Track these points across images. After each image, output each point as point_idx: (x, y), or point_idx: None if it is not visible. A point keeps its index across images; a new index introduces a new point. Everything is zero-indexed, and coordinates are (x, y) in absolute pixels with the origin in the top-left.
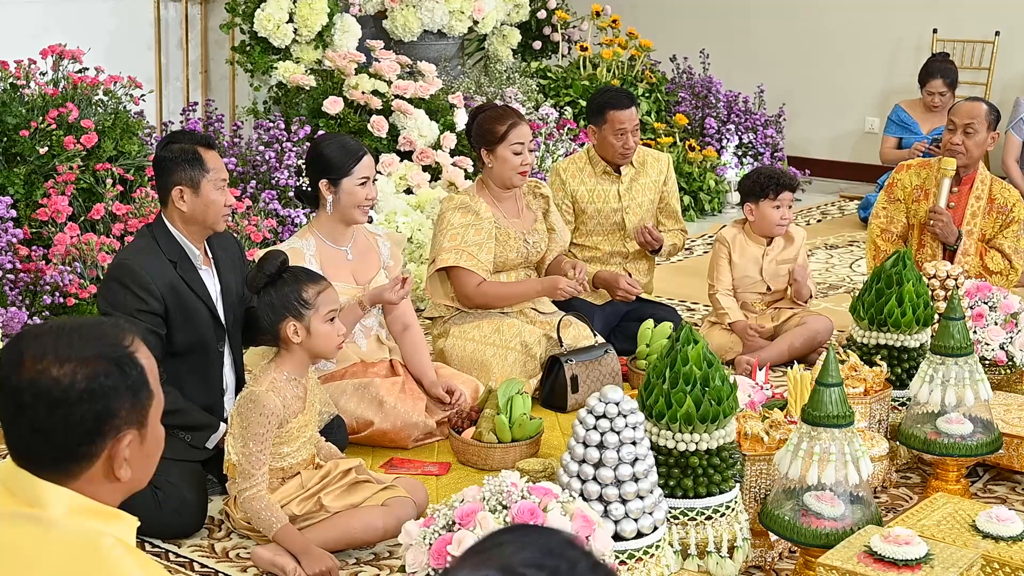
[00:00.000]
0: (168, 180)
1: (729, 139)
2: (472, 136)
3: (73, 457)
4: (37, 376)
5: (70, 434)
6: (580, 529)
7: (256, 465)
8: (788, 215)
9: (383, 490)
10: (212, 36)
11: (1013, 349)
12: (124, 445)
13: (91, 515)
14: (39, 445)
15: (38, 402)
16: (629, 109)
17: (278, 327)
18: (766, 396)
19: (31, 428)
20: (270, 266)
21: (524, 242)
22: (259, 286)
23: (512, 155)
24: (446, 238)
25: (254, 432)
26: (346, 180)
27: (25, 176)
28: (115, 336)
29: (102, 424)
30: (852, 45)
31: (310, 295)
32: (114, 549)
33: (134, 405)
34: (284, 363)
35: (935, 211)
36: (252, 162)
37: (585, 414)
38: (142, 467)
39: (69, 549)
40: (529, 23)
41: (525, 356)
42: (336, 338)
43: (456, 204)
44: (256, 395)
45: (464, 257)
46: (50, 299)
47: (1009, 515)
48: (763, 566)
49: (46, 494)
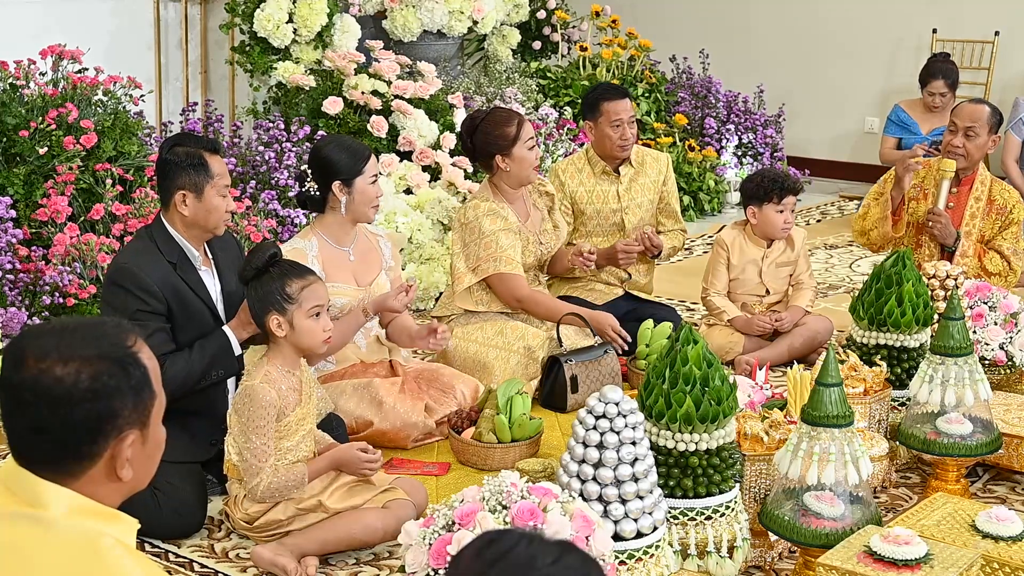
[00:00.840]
0: (172, 184)
1: (729, 139)
2: (476, 147)
3: (75, 456)
4: (39, 375)
5: (72, 433)
6: (580, 529)
7: (262, 458)
8: (791, 219)
9: (384, 492)
10: (212, 36)
11: (1013, 349)
12: (127, 445)
13: (91, 515)
14: (41, 444)
15: (40, 401)
16: (623, 100)
17: (263, 319)
18: (766, 396)
19: (33, 427)
20: (258, 259)
21: (539, 243)
22: (248, 278)
23: (528, 151)
24: (481, 247)
25: (255, 425)
26: (359, 180)
27: (25, 176)
28: (118, 336)
29: (104, 424)
30: (852, 45)
31: (293, 290)
32: (113, 549)
33: (136, 405)
34: (275, 357)
35: (934, 213)
36: (252, 162)
37: (585, 414)
38: (143, 467)
39: (69, 549)
40: (529, 23)
41: (528, 359)
42: (320, 334)
43: (485, 211)
44: (251, 388)
45: (503, 263)
46: (49, 299)
47: (1009, 515)
48: (763, 566)
49: (46, 494)
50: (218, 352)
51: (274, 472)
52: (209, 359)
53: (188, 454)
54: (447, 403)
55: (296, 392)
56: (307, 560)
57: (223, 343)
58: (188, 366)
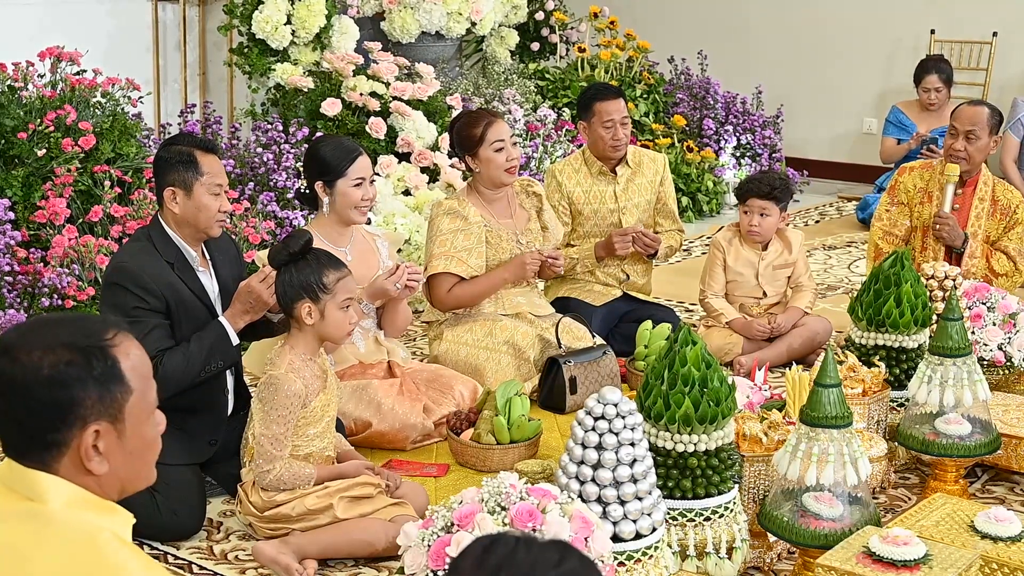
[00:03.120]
0: (163, 180)
1: (727, 140)
2: (454, 147)
3: (41, 445)
4: (7, 365)
5: (35, 420)
6: (579, 530)
7: (280, 447)
8: (759, 222)
9: (393, 505)
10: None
11: (1011, 350)
12: (92, 436)
13: (88, 507)
14: (12, 434)
15: (6, 389)
16: (616, 100)
17: (293, 306)
18: (764, 397)
19: (4, 416)
20: (295, 244)
21: (517, 243)
22: (280, 262)
23: (494, 153)
24: (435, 244)
25: (279, 415)
26: (341, 181)
27: (23, 178)
28: (94, 329)
29: (65, 412)
30: (850, 46)
31: (330, 280)
32: (111, 543)
33: (102, 397)
34: (296, 344)
35: (940, 217)
36: (250, 164)
37: (583, 415)
38: (126, 465)
39: (68, 546)
40: (527, 24)
41: (519, 359)
42: (347, 326)
43: (444, 210)
44: (276, 378)
45: (454, 263)
46: (48, 301)
47: (1008, 515)
48: (762, 567)
49: (43, 484)
50: (216, 342)
51: (288, 465)
52: (207, 350)
53: (187, 456)
54: (446, 404)
55: (320, 379)
56: (307, 563)
57: (220, 333)
58: (187, 359)
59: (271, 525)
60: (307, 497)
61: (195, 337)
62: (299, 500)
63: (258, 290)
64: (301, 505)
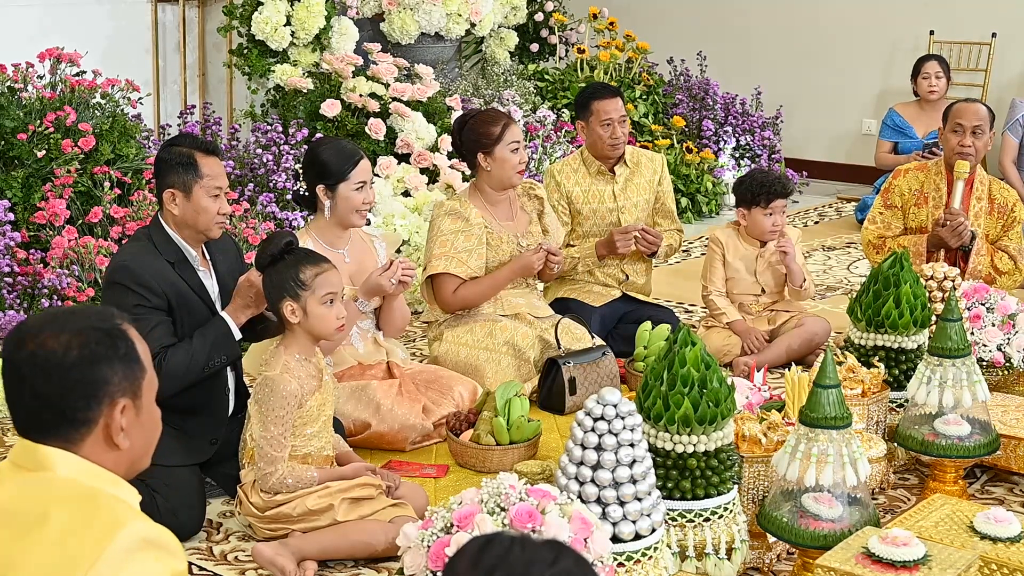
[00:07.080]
0: (162, 182)
1: (726, 141)
2: (463, 144)
3: (72, 423)
4: (36, 348)
5: (67, 398)
6: (578, 531)
7: (279, 448)
8: (781, 220)
9: (393, 506)
10: (210, 39)
11: (1010, 350)
12: (119, 412)
13: (95, 477)
14: (42, 412)
15: (37, 371)
16: (614, 99)
17: (278, 306)
18: (764, 398)
19: (32, 397)
20: (274, 246)
21: (517, 245)
22: (263, 264)
23: (511, 153)
24: (436, 244)
25: (276, 416)
26: (343, 185)
27: (23, 179)
28: (106, 314)
29: (97, 389)
30: (849, 47)
31: (307, 276)
32: (111, 499)
33: (126, 375)
34: (291, 345)
35: (951, 212)
36: (250, 165)
37: (583, 416)
38: (140, 440)
39: (71, 500)
40: (526, 25)
41: (518, 360)
42: (334, 321)
43: (446, 210)
44: (271, 379)
45: (454, 263)
46: (48, 302)
47: (1007, 516)
48: (761, 568)
49: (50, 457)
50: (218, 337)
51: (290, 469)
52: (210, 346)
53: (187, 456)
54: (445, 405)
55: (315, 379)
56: (306, 564)
57: (222, 328)
58: (190, 355)
59: (271, 525)
60: (308, 497)
61: (197, 333)
62: (300, 500)
63: (258, 283)
64: (302, 505)
